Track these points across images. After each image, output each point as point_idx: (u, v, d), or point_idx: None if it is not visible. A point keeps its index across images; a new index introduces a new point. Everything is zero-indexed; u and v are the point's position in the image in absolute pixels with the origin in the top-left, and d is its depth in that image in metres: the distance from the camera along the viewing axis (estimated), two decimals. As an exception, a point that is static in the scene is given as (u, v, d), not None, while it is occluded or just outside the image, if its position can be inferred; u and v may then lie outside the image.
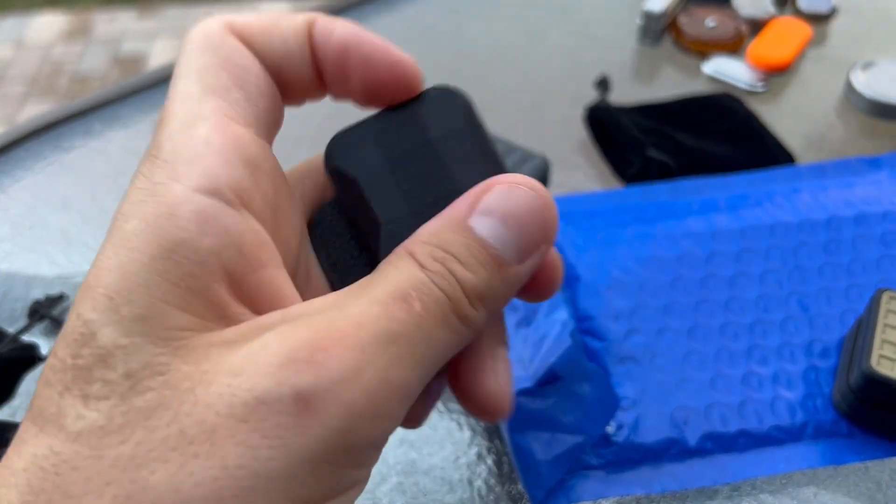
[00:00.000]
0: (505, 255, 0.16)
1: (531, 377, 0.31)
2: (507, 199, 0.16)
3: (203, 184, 0.15)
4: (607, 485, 0.30)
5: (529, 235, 0.17)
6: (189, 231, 0.15)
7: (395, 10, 0.58)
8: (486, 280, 0.16)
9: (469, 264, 0.16)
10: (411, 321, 0.15)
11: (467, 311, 0.16)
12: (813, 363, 0.33)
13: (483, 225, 0.16)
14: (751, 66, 0.50)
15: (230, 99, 0.17)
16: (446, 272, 0.16)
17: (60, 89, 1.73)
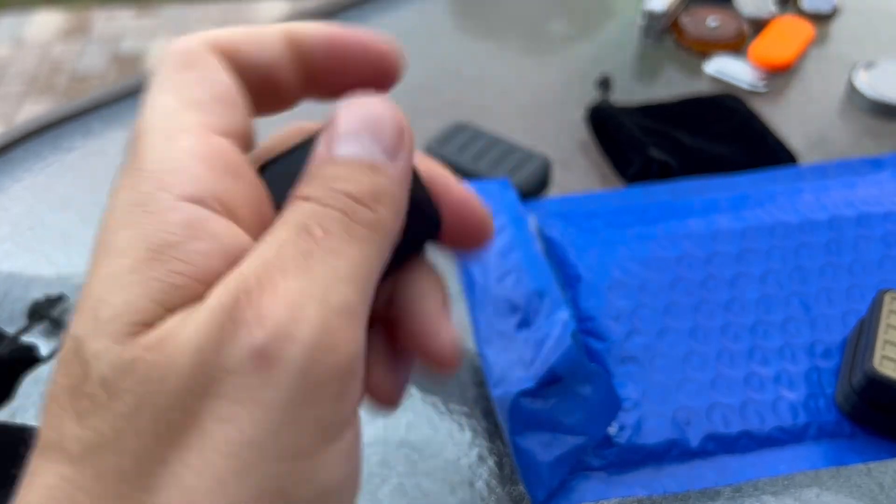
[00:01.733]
0: (374, 158, 0.17)
1: (532, 378, 0.31)
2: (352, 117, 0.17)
3: (189, 192, 0.15)
4: (609, 486, 0.30)
5: (386, 135, 0.17)
6: (178, 236, 0.15)
7: (395, 10, 0.58)
8: (370, 183, 0.17)
9: (349, 177, 0.16)
10: (318, 247, 0.15)
11: (365, 214, 0.16)
12: (815, 364, 0.33)
13: (345, 148, 0.17)
14: (753, 65, 0.50)
15: (208, 111, 0.17)
16: (331, 191, 0.16)
17: (59, 88, 1.73)
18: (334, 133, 0.17)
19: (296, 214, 0.16)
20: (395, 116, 0.18)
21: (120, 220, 0.15)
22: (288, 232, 0.16)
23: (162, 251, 0.15)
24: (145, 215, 0.15)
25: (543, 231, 0.39)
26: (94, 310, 0.14)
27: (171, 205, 0.15)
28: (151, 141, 0.16)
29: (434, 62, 0.53)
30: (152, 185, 0.15)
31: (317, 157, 0.17)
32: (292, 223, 0.16)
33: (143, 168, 0.16)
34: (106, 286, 0.15)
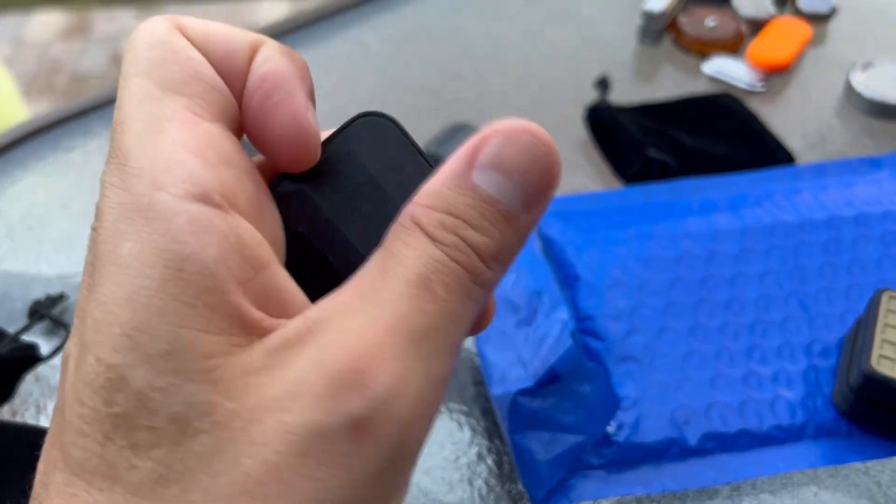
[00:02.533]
0: (513, 208, 0.16)
1: (531, 377, 0.31)
2: (507, 149, 0.16)
3: (190, 190, 0.14)
4: (608, 484, 0.30)
5: (535, 183, 0.16)
6: (191, 244, 0.14)
7: (395, 10, 0.58)
8: (498, 239, 0.16)
9: (480, 227, 0.15)
10: (438, 310, 0.15)
11: (485, 275, 0.16)
12: (813, 363, 0.33)
13: (487, 180, 0.15)
14: (751, 65, 0.50)
15: (190, 94, 0.16)
16: (460, 242, 0.15)
17: (59, 88, 1.73)
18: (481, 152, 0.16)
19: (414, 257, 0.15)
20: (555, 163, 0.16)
21: (120, 229, 0.14)
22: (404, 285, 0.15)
23: (181, 267, 0.14)
24: (148, 223, 0.14)
25: (542, 231, 0.39)
26: (132, 340, 0.14)
27: (173, 208, 0.14)
28: (135, 132, 0.15)
29: (434, 62, 0.53)
30: (147, 186, 0.14)
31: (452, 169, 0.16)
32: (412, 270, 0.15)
33: (131, 165, 0.15)
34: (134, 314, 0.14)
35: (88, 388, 0.14)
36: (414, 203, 0.16)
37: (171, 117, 0.15)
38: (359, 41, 0.55)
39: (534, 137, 0.16)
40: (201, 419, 0.13)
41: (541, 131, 0.16)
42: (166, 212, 0.14)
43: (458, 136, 0.44)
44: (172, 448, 0.13)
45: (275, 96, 0.17)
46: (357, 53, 0.53)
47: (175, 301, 0.14)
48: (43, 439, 0.15)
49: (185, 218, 0.14)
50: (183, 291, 0.14)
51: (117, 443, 0.13)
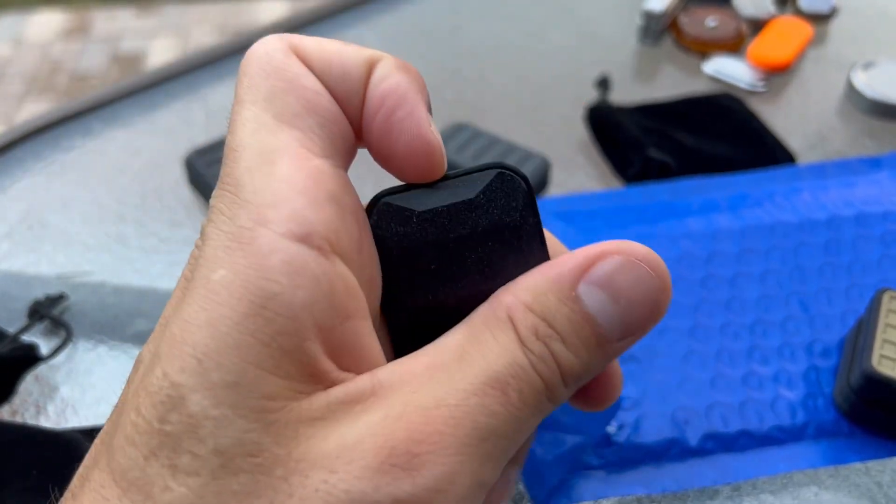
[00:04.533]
0: (609, 333, 0.15)
1: (532, 377, 0.31)
2: (622, 274, 0.16)
3: (293, 230, 0.14)
4: (608, 485, 0.30)
5: (639, 314, 0.16)
6: (281, 284, 0.14)
7: (395, 10, 0.58)
8: (586, 360, 0.15)
9: (572, 344, 0.15)
10: (506, 414, 0.15)
11: (560, 391, 0.15)
12: (814, 363, 0.33)
13: (592, 297, 0.15)
14: (751, 65, 0.50)
15: (303, 127, 0.16)
16: (548, 354, 0.15)
17: (59, 87, 1.73)
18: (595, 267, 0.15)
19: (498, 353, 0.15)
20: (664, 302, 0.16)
21: (218, 256, 0.14)
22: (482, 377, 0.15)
23: (265, 305, 0.14)
24: (245, 255, 0.14)
25: (543, 231, 0.39)
26: (201, 364, 0.14)
27: (271, 244, 0.14)
28: (246, 163, 0.15)
29: (434, 62, 0.53)
30: (251, 219, 0.14)
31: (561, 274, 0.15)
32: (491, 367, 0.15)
33: (241, 196, 0.15)
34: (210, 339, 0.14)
35: (148, 399, 0.14)
36: (514, 295, 0.15)
37: (282, 151, 0.15)
38: (358, 41, 0.55)
39: (652, 270, 0.16)
40: (245, 458, 0.13)
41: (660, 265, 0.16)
42: (264, 248, 0.14)
43: (458, 136, 0.44)
44: (209, 480, 0.13)
45: (398, 113, 0.16)
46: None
47: (250, 336, 0.14)
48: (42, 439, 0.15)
49: (281, 257, 0.14)
50: (260, 329, 0.14)
51: (160, 460, 0.13)
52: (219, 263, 0.14)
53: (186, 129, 0.49)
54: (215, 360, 0.14)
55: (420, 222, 0.17)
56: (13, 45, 1.86)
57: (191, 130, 0.48)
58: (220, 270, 0.14)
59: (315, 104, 0.16)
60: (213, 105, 0.50)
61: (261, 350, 0.14)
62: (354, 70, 0.17)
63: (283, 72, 0.16)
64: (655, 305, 0.16)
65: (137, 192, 0.44)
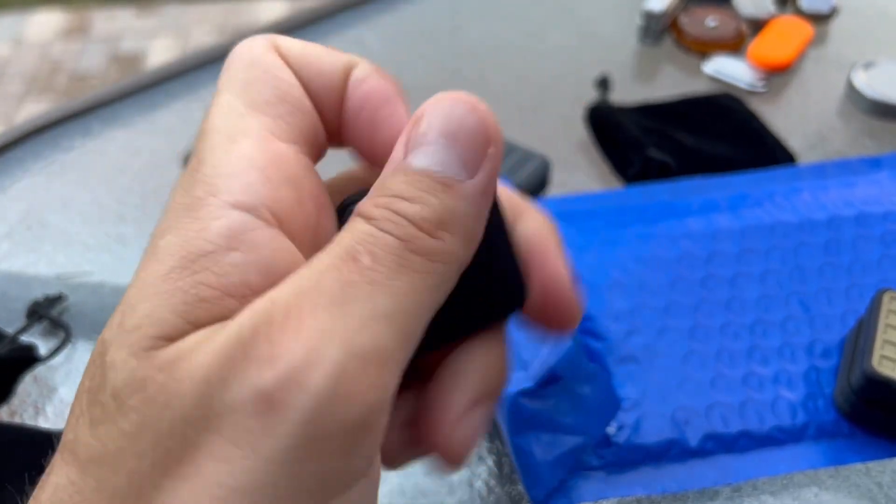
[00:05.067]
0: (450, 174, 0.15)
1: (532, 378, 0.31)
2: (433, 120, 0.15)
3: (240, 200, 0.15)
4: (608, 485, 0.30)
5: (468, 145, 0.16)
6: (215, 244, 0.14)
7: (395, 10, 0.58)
8: (438, 205, 0.15)
9: (414, 197, 0.15)
10: (362, 278, 0.14)
11: (427, 242, 0.15)
12: (814, 363, 0.33)
13: (419, 157, 0.15)
14: (751, 65, 0.50)
15: (273, 114, 0.16)
16: (391, 214, 0.15)
17: (59, 87, 1.73)
18: (413, 135, 0.16)
19: (348, 235, 0.15)
20: (482, 119, 0.16)
21: (168, 223, 0.15)
22: (332, 258, 0.14)
23: (195, 260, 0.14)
24: (190, 220, 0.15)
25: (543, 231, 0.39)
26: (123, 315, 0.14)
27: (217, 212, 0.14)
28: (212, 143, 0.16)
29: (434, 62, 0.53)
30: (204, 190, 0.15)
31: (390, 162, 0.16)
32: (341, 247, 0.15)
33: (200, 171, 0.15)
34: (137, 292, 0.14)
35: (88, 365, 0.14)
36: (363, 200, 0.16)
37: (247, 133, 0.16)
38: (358, 41, 0.55)
39: (456, 101, 0.16)
40: (133, 395, 0.13)
41: (464, 95, 0.16)
42: (209, 214, 0.15)
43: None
44: (111, 426, 0.13)
45: (382, 111, 0.17)
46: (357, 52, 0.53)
47: (171, 284, 0.14)
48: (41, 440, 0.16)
49: (223, 222, 0.14)
50: (183, 278, 0.14)
51: (84, 420, 0.14)
52: (168, 231, 0.15)
53: (186, 128, 0.49)
54: (132, 307, 0.14)
55: None
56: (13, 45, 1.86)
57: (190, 130, 0.48)
58: (167, 236, 0.15)
59: (287, 94, 0.17)
60: (213, 105, 0.50)
61: (177, 294, 0.14)
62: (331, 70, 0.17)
63: (260, 63, 0.17)
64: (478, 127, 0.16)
65: (137, 192, 0.44)
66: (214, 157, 0.15)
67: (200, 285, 0.14)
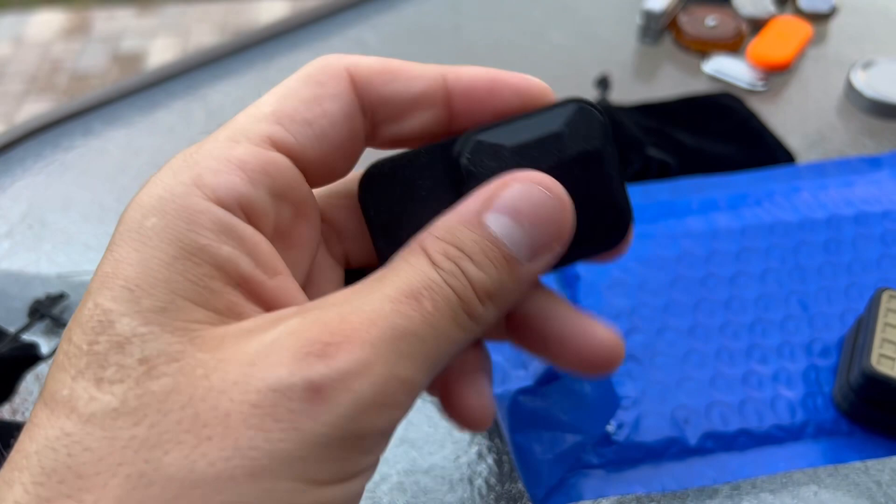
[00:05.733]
0: (516, 254, 0.17)
1: (531, 376, 0.31)
2: (522, 198, 0.17)
3: (220, 196, 0.16)
4: (608, 484, 0.30)
5: (542, 235, 0.17)
6: (208, 238, 0.16)
7: (395, 10, 0.58)
8: (496, 279, 0.17)
9: (480, 263, 0.16)
10: (421, 319, 0.16)
11: (477, 308, 0.16)
12: (813, 362, 0.33)
13: (497, 223, 0.17)
14: (751, 65, 0.50)
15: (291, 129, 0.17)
16: (458, 271, 0.16)
17: (59, 87, 1.73)
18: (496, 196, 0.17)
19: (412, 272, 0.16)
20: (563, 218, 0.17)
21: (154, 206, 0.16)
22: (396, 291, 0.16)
23: (195, 253, 0.15)
24: (176, 209, 0.16)
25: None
26: (133, 294, 0.15)
27: (202, 206, 0.16)
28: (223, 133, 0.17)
29: (434, 62, 0.53)
30: (190, 178, 0.16)
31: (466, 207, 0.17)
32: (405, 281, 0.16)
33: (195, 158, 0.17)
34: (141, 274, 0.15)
35: (80, 328, 0.15)
36: (427, 232, 0.17)
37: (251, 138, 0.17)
38: (358, 40, 0.55)
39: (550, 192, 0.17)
40: (168, 364, 0.14)
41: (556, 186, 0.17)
42: (195, 206, 0.16)
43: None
44: (133, 385, 0.14)
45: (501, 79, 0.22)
46: (357, 52, 0.53)
47: (179, 275, 0.15)
48: None
49: (210, 217, 0.16)
50: (189, 270, 0.15)
51: (86, 377, 0.14)
52: (151, 212, 0.16)
53: (186, 128, 0.49)
54: (145, 290, 0.15)
55: (512, 156, 0.18)
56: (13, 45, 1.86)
57: (191, 130, 0.48)
58: (151, 218, 0.16)
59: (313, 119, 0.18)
60: (214, 104, 0.50)
61: (188, 286, 0.15)
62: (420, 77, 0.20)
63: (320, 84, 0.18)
64: (556, 223, 0.17)
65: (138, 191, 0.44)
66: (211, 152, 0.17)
67: (206, 278, 0.15)
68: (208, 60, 0.52)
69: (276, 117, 0.17)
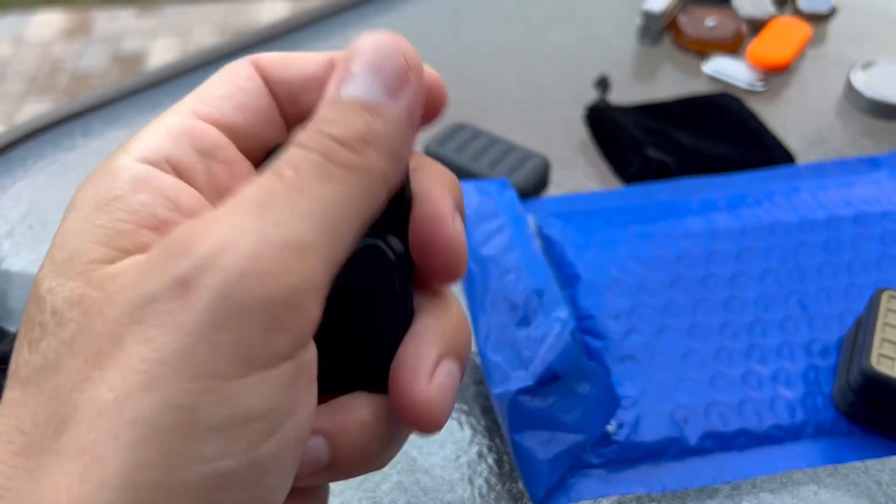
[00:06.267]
0: (374, 99, 0.17)
1: (531, 376, 0.31)
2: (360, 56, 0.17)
3: (144, 155, 0.17)
4: (607, 483, 0.30)
5: (388, 73, 0.17)
6: (123, 189, 0.17)
7: (395, 10, 0.58)
8: (362, 126, 0.16)
9: (340, 121, 0.16)
10: (283, 186, 0.15)
11: (347, 157, 0.16)
12: (813, 362, 0.33)
13: (347, 87, 0.17)
14: (750, 65, 0.50)
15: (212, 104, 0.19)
16: (317, 135, 0.16)
17: (60, 87, 1.73)
18: (343, 71, 0.17)
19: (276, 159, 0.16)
20: (400, 50, 0.17)
21: (89, 182, 0.17)
22: (259, 178, 0.16)
23: (108, 203, 0.16)
24: (102, 175, 0.17)
25: (542, 230, 0.39)
26: (52, 255, 0.16)
27: (123, 165, 0.17)
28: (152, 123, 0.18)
29: (434, 62, 0.53)
30: (123, 147, 0.17)
31: (324, 97, 0.17)
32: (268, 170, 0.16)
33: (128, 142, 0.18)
34: (62, 235, 0.16)
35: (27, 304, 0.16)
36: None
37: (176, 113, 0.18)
38: (359, 41, 0.55)
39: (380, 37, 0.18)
40: (72, 309, 0.15)
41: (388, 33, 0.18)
42: (117, 167, 0.17)
43: (458, 136, 0.44)
44: (49, 339, 0.15)
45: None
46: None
47: (91, 224, 0.16)
48: None
49: (129, 173, 0.17)
50: (100, 217, 0.16)
51: (24, 343, 0.16)
52: (83, 188, 0.17)
53: (187, 128, 0.49)
54: (59, 247, 0.16)
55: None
56: (14, 45, 1.86)
57: (191, 130, 0.48)
58: (82, 191, 0.17)
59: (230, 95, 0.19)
60: (214, 105, 0.50)
61: (97, 230, 0.16)
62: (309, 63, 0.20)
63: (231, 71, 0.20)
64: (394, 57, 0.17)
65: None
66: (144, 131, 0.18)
67: (116, 221, 0.16)
68: (209, 61, 0.52)
69: (196, 97, 0.19)
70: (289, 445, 0.15)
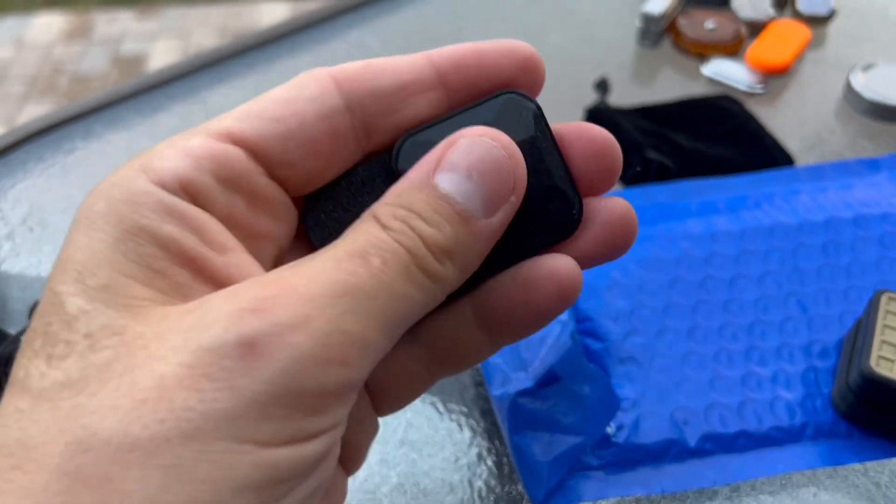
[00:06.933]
0: (470, 209, 0.16)
1: (531, 378, 0.31)
2: (470, 153, 0.16)
3: (161, 177, 0.16)
4: (607, 485, 0.30)
5: (494, 187, 0.16)
6: (150, 218, 0.16)
7: (395, 10, 0.58)
8: (451, 235, 0.16)
9: (432, 220, 0.16)
10: (368, 274, 0.15)
11: (432, 265, 0.16)
12: (812, 364, 0.33)
13: (446, 181, 0.16)
14: (750, 68, 0.50)
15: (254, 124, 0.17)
16: (407, 229, 0.16)
17: (60, 89, 1.73)
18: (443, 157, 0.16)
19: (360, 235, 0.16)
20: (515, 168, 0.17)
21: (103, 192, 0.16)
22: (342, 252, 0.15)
23: (136, 233, 0.16)
24: (121, 192, 0.16)
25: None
26: (80, 274, 0.15)
27: (144, 189, 0.16)
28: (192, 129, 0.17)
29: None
30: (140, 164, 0.17)
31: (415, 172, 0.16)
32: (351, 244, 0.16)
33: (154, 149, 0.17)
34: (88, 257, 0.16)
35: (37, 314, 0.16)
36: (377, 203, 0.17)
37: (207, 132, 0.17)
38: (359, 43, 0.55)
39: (495, 142, 0.16)
40: (110, 338, 0.15)
41: (503, 137, 0.17)
42: (138, 189, 0.16)
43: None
44: (78, 360, 0.15)
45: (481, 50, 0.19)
46: (358, 55, 0.54)
47: (122, 256, 0.16)
48: None
49: (152, 198, 0.16)
50: (131, 250, 0.16)
51: (40, 357, 0.15)
52: (100, 197, 0.16)
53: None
54: (91, 272, 0.15)
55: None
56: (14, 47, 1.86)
57: (191, 132, 0.49)
58: (100, 203, 0.16)
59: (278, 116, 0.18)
60: (214, 108, 0.50)
61: (132, 266, 0.15)
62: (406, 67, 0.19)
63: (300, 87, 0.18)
64: (507, 172, 0.17)
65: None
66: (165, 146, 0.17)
67: (149, 257, 0.16)
68: (209, 63, 0.53)
69: (241, 114, 0.17)
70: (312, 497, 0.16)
